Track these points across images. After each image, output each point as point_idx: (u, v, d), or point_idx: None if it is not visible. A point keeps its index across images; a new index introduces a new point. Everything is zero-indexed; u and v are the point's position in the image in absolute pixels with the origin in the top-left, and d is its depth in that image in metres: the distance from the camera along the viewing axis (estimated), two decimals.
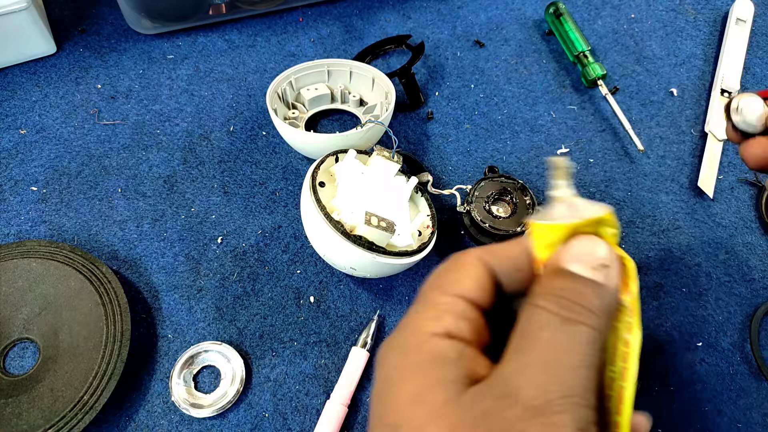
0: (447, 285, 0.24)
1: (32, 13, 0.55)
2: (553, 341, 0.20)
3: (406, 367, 0.21)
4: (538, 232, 0.24)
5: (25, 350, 0.44)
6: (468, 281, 0.24)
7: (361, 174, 0.45)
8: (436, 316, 0.23)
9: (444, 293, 0.24)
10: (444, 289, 0.24)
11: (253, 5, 0.62)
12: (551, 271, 0.23)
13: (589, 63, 0.58)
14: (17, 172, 0.53)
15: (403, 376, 0.21)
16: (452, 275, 0.24)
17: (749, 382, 0.45)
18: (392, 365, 0.22)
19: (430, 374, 0.20)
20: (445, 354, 0.21)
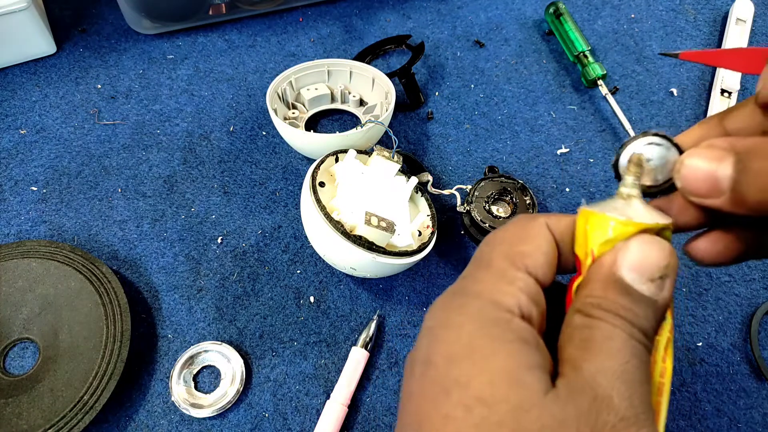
0: (519, 257, 0.22)
1: (32, 13, 0.55)
2: (623, 354, 0.19)
3: (490, 339, 0.19)
4: (601, 224, 0.22)
5: (25, 350, 0.44)
6: (540, 257, 0.22)
7: (361, 174, 0.45)
8: (513, 293, 0.21)
9: (516, 267, 0.22)
10: (515, 262, 0.22)
11: (253, 5, 0.62)
12: (607, 276, 0.21)
13: (589, 63, 0.58)
14: (17, 172, 0.53)
15: (490, 348, 0.19)
16: (524, 246, 0.22)
17: (749, 382, 0.45)
18: (470, 332, 0.20)
19: (521, 356, 0.19)
20: (527, 337, 0.20)
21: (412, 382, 0.20)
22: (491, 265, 0.22)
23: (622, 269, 0.21)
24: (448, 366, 0.19)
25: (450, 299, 0.21)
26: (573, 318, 0.21)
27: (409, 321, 0.47)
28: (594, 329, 0.20)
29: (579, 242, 0.23)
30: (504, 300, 0.20)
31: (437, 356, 0.20)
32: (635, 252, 0.21)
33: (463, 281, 0.22)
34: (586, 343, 0.19)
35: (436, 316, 0.21)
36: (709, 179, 0.21)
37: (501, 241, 0.23)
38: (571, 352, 0.20)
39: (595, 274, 0.22)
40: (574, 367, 0.19)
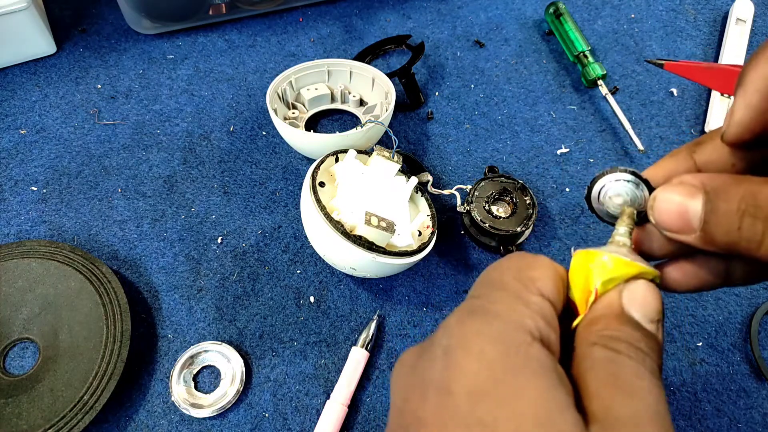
0: (530, 281, 0.21)
1: (32, 13, 0.55)
2: (654, 395, 0.18)
3: (515, 371, 0.18)
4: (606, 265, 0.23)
5: (25, 350, 0.44)
6: (550, 283, 0.22)
7: (361, 174, 0.45)
8: (531, 315, 0.20)
9: (530, 290, 0.21)
10: (528, 285, 0.21)
11: (253, 5, 0.62)
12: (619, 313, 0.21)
13: (589, 63, 0.58)
14: (17, 172, 0.53)
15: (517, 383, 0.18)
16: (534, 272, 0.22)
17: (749, 382, 0.45)
18: (493, 361, 0.18)
19: (550, 395, 0.18)
20: (552, 366, 0.19)
21: (425, 407, 0.19)
22: (505, 287, 0.21)
23: (631, 308, 0.21)
24: (470, 402, 0.18)
25: (467, 317, 0.20)
26: (592, 351, 0.20)
27: (409, 321, 0.47)
28: (620, 365, 0.19)
29: (576, 283, 0.24)
30: (525, 322, 0.20)
31: (458, 387, 0.18)
32: (640, 293, 0.21)
33: (476, 301, 0.21)
34: (616, 381, 0.18)
35: (453, 334, 0.20)
36: (681, 217, 0.21)
37: (509, 266, 0.22)
38: (599, 389, 0.19)
39: (606, 310, 0.22)
40: (607, 410, 0.18)
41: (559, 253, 0.50)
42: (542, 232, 0.51)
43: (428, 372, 0.19)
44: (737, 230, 0.19)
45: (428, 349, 0.20)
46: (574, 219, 0.52)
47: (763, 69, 0.20)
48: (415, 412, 0.19)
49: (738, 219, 0.19)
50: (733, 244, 0.20)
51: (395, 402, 0.20)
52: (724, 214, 0.19)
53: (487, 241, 0.48)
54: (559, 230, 0.51)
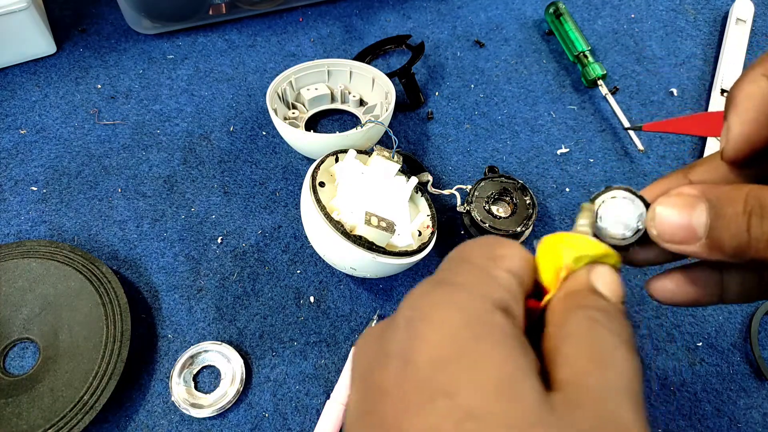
0: (498, 258, 0.21)
1: (32, 13, 0.55)
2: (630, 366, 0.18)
3: (478, 338, 0.18)
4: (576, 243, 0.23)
5: (25, 350, 0.44)
6: (519, 261, 0.21)
7: (361, 174, 0.45)
8: (497, 288, 0.20)
9: (497, 266, 0.21)
10: (496, 262, 0.21)
11: (253, 5, 0.62)
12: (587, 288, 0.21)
13: (589, 63, 0.58)
14: (17, 172, 0.53)
15: (480, 350, 0.17)
16: (502, 251, 0.21)
17: (749, 382, 0.45)
18: (456, 329, 0.18)
19: (513, 360, 0.17)
20: (516, 335, 0.18)
21: (387, 376, 0.18)
22: (472, 262, 0.21)
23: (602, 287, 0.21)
24: (432, 370, 0.17)
25: (431, 288, 0.20)
26: (569, 319, 0.20)
27: None
28: (597, 334, 0.19)
29: (545, 265, 0.24)
30: (490, 293, 0.19)
31: (419, 356, 0.18)
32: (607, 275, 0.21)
33: (442, 273, 0.21)
34: (591, 350, 0.18)
35: (416, 305, 0.19)
36: (684, 226, 0.21)
37: (479, 245, 0.22)
38: (572, 358, 0.18)
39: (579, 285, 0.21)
40: (576, 378, 0.18)
41: None
42: (542, 232, 0.51)
43: (391, 342, 0.19)
44: (746, 231, 0.19)
45: (392, 321, 0.20)
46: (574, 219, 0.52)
47: (750, 87, 0.21)
48: (377, 382, 0.18)
49: (746, 220, 0.19)
50: (742, 247, 0.19)
51: (357, 372, 0.20)
52: (731, 217, 0.19)
53: None
54: (559, 230, 0.51)
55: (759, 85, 0.21)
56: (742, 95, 0.21)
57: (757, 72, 0.21)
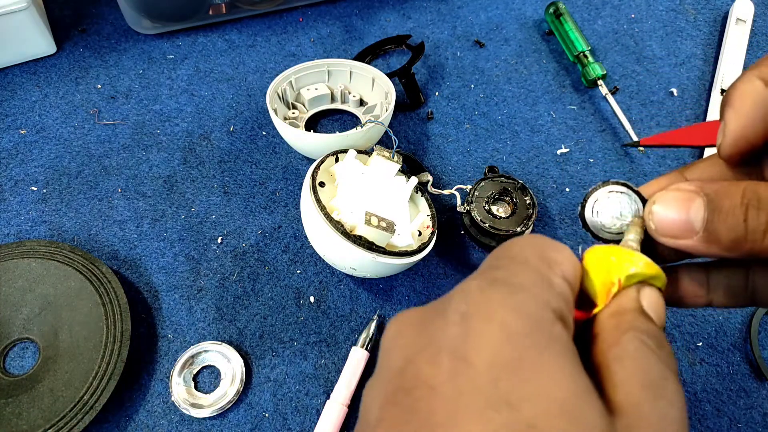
0: (554, 263, 0.20)
1: (32, 13, 0.55)
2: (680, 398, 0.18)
3: (539, 348, 0.17)
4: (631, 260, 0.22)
5: (25, 350, 0.44)
6: (570, 268, 0.20)
7: (361, 174, 0.45)
8: (555, 295, 0.19)
9: (553, 271, 0.20)
10: (552, 266, 0.20)
11: (253, 5, 0.62)
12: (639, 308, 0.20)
13: (589, 63, 0.58)
14: (17, 172, 0.53)
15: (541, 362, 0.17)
16: (556, 254, 0.20)
17: (749, 382, 0.45)
18: (516, 334, 0.17)
19: (575, 379, 0.17)
20: (574, 352, 0.18)
21: (437, 373, 0.17)
22: (528, 262, 0.20)
23: (649, 310, 0.21)
24: (493, 375, 0.16)
25: (488, 285, 0.19)
26: (623, 340, 0.19)
27: None
28: (650, 362, 0.18)
29: (595, 274, 0.23)
30: (550, 300, 0.18)
31: (478, 357, 0.17)
32: (654, 298, 0.21)
33: (498, 272, 0.20)
34: (646, 378, 0.18)
35: (473, 300, 0.18)
36: (681, 221, 0.21)
37: (531, 244, 0.21)
38: (627, 381, 0.18)
39: (631, 304, 0.21)
40: (635, 406, 0.17)
41: None
42: (542, 233, 0.51)
43: (441, 335, 0.18)
44: (743, 222, 0.19)
45: (441, 312, 0.19)
46: (574, 219, 0.52)
47: (745, 87, 0.21)
48: (423, 376, 0.17)
49: (743, 212, 0.19)
50: (739, 240, 0.19)
51: (392, 362, 0.19)
52: (728, 210, 0.20)
53: (487, 241, 0.48)
54: (559, 230, 0.51)
55: (754, 86, 0.21)
56: (737, 94, 0.22)
57: (753, 74, 0.22)
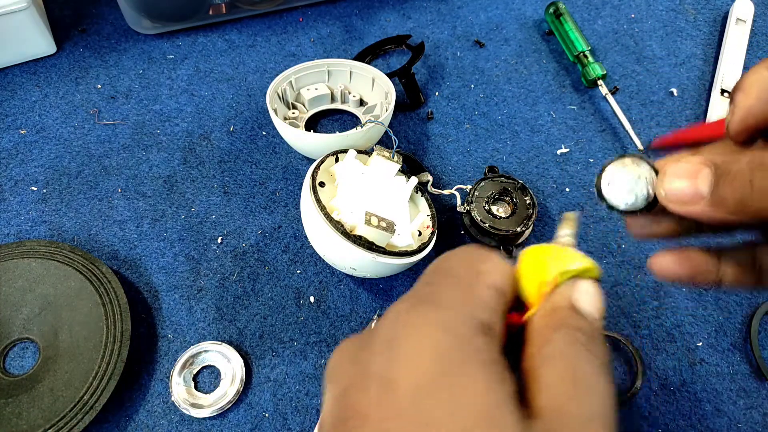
0: (482, 273, 0.21)
1: (32, 13, 0.55)
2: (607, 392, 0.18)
3: (462, 362, 0.18)
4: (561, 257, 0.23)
5: (25, 350, 0.44)
6: (500, 276, 0.21)
7: (361, 174, 0.45)
8: (481, 306, 0.20)
9: (480, 281, 0.21)
10: (479, 277, 0.21)
11: (253, 5, 0.62)
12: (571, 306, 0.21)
13: (589, 63, 0.58)
14: (17, 172, 0.53)
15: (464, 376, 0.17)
16: (485, 264, 0.21)
17: (749, 382, 0.45)
18: (439, 351, 0.18)
19: (491, 387, 0.17)
20: (496, 361, 0.18)
21: (367, 401, 0.18)
22: (456, 276, 0.21)
23: (584, 304, 0.21)
24: (414, 398, 0.17)
25: (413, 307, 0.19)
26: (552, 339, 0.19)
27: None
28: (580, 359, 0.19)
29: (527, 278, 0.24)
30: (474, 313, 0.19)
31: (403, 380, 0.17)
32: (591, 290, 0.22)
33: (426, 288, 0.21)
34: (574, 376, 0.18)
35: (401, 322, 0.19)
36: (689, 187, 0.22)
37: (462, 257, 0.22)
38: (555, 382, 0.18)
39: (563, 302, 0.21)
40: (558, 406, 0.18)
41: None
42: (542, 232, 0.51)
43: (371, 363, 0.19)
44: (749, 183, 0.20)
45: (371, 338, 0.19)
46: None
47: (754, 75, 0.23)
48: (356, 406, 0.18)
49: (750, 172, 0.20)
50: (745, 200, 0.20)
51: (333, 392, 0.20)
52: (736, 173, 0.20)
53: (487, 241, 0.48)
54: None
55: (763, 75, 0.23)
56: (747, 82, 0.23)
57: (762, 66, 0.23)
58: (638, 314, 0.47)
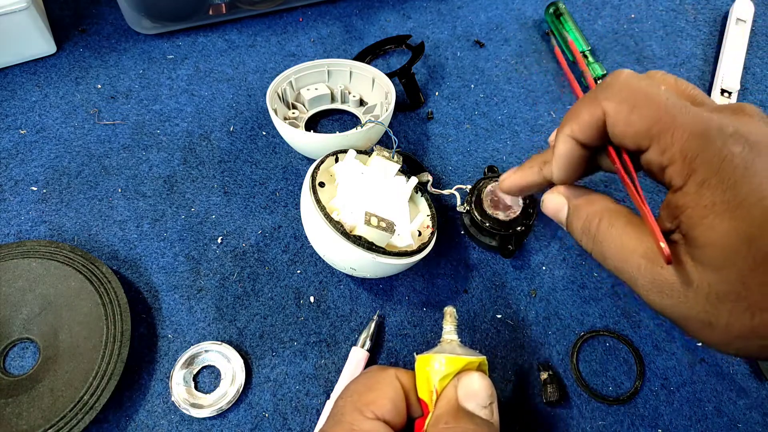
0: (366, 406, 0.27)
1: (32, 13, 0.55)
2: None
3: None
4: (441, 363, 0.28)
5: (25, 350, 0.44)
6: (387, 403, 0.27)
7: (361, 174, 0.45)
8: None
9: (364, 416, 0.26)
10: (363, 411, 0.26)
11: (253, 5, 0.62)
12: (454, 407, 0.27)
13: (589, 63, 0.58)
14: (17, 172, 0.53)
15: None
16: (371, 394, 0.27)
17: (749, 382, 0.45)
18: None
19: None
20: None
21: None
22: (342, 420, 0.27)
23: (465, 401, 0.27)
24: None
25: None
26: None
27: (409, 321, 0.47)
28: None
29: (421, 386, 0.29)
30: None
31: None
32: (472, 386, 0.27)
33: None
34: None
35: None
36: (557, 214, 0.34)
37: (351, 393, 0.28)
38: None
39: (444, 408, 0.27)
40: None
41: (559, 254, 0.50)
42: (542, 233, 0.51)
43: None
44: (581, 230, 0.32)
45: None
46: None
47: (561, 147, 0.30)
48: None
49: (582, 222, 0.32)
50: (583, 230, 0.31)
51: None
52: (576, 219, 0.32)
53: (487, 241, 0.48)
54: (559, 230, 0.51)
55: (566, 146, 0.30)
56: (557, 152, 0.31)
57: (565, 133, 0.30)
58: (638, 314, 0.47)
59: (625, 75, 0.28)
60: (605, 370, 0.45)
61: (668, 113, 0.26)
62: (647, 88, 0.27)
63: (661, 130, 0.26)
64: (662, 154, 0.26)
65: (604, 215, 0.31)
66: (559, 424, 0.43)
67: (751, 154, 0.24)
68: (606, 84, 0.28)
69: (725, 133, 0.25)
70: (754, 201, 0.23)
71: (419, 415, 0.30)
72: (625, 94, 0.27)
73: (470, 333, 0.46)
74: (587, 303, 0.48)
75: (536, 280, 0.49)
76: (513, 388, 0.44)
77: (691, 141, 0.25)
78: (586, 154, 0.31)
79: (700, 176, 0.25)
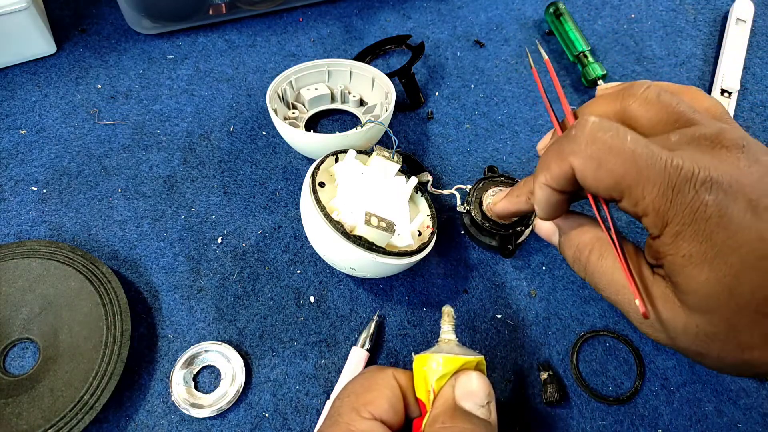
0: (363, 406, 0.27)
1: (32, 13, 0.55)
2: None
3: None
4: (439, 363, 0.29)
5: (25, 350, 0.44)
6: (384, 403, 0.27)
7: (361, 174, 0.45)
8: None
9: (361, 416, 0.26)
10: (361, 412, 0.26)
11: (253, 5, 0.62)
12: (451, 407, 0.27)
13: (589, 63, 0.58)
14: (17, 172, 0.53)
15: None
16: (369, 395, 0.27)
17: (749, 382, 0.45)
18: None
19: None
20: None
21: None
22: (339, 421, 0.27)
23: (462, 400, 0.27)
24: None
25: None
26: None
27: (409, 321, 0.47)
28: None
29: (419, 386, 0.29)
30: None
31: None
32: (469, 384, 0.27)
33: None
34: None
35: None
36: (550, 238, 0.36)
37: (348, 393, 0.28)
38: None
39: (441, 407, 0.27)
40: None
41: (559, 254, 0.50)
42: None
43: None
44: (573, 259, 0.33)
45: None
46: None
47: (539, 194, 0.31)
48: None
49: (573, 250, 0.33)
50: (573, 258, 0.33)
51: None
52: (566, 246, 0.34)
53: (487, 241, 0.48)
54: None
55: (543, 193, 0.30)
56: (536, 197, 0.31)
57: (540, 181, 0.30)
58: None
59: (590, 126, 0.27)
60: (605, 370, 0.45)
61: (636, 166, 0.25)
62: (612, 141, 0.26)
63: (630, 185, 0.26)
64: (635, 206, 0.26)
65: (595, 246, 0.31)
66: (559, 424, 0.43)
67: (726, 200, 0.24)
68: (572, 137, 0.28)
69: (697, 180, 0.24)
70: (731, 250, 0.23)
71: (417, 415, 0.30)
72: (591, 151, 0.26)
73: (470, 333, 0.46)
74: (587, 303, 0.48)
75: (536, 280, 0.49)
76: (513, 388, 0.44)
77: (660, 195, 0.25)
78: (565, 197, 0.31)
79: (675, 228, 0.25)
